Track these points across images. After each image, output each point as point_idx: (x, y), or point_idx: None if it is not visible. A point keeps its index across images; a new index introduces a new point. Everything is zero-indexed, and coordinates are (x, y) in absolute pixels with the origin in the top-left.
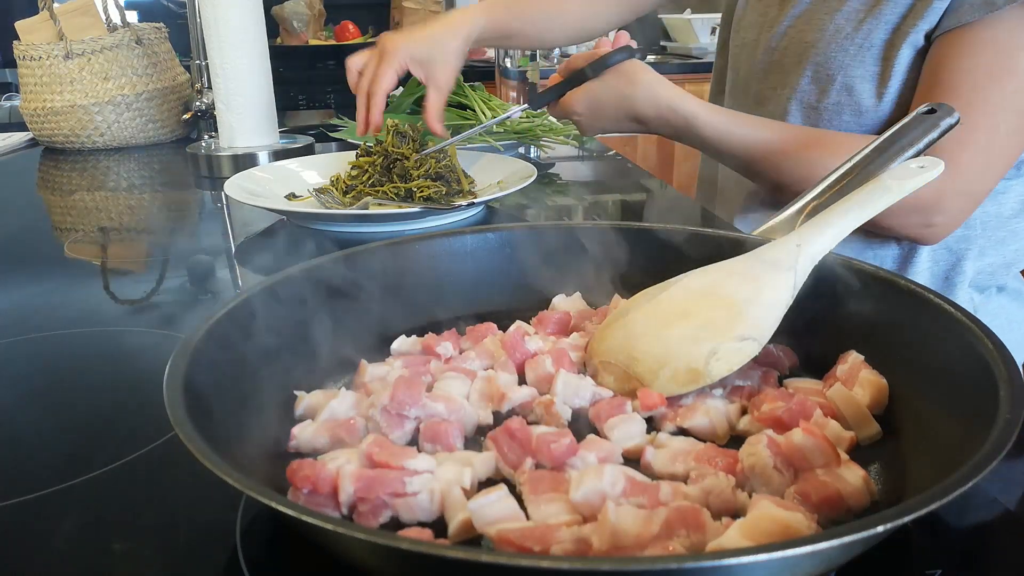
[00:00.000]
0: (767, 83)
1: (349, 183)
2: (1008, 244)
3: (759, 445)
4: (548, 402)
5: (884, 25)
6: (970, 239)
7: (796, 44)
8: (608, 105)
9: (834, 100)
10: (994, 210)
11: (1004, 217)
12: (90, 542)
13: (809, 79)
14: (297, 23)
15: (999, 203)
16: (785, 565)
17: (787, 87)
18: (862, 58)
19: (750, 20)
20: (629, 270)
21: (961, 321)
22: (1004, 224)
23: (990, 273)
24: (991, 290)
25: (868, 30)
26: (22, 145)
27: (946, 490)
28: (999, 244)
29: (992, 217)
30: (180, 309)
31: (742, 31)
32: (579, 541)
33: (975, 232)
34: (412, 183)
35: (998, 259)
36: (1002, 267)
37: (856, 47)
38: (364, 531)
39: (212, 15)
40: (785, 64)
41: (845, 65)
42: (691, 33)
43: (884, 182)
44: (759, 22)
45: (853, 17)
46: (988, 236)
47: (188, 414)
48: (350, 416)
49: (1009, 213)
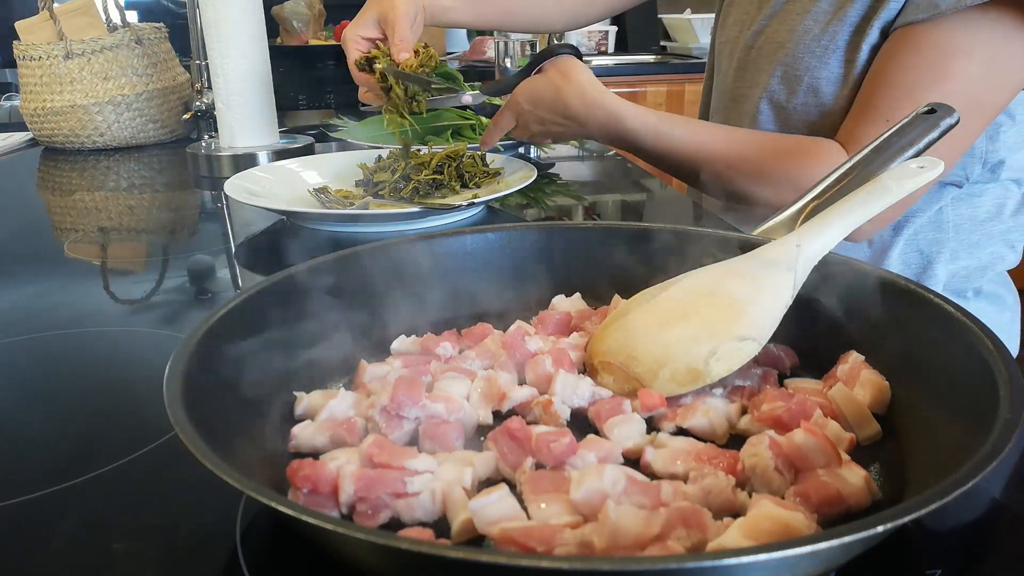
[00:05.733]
0: (743, 81)
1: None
2: (983, 247)
3: (761, 446)
4: (547, 402)
5: (847, 27)
6: (942, 242)
7: (769, 43)
8: (545, 99)
9: (801, 100)
10: (968, 213)
11: (978, 220)
12: (90, 542)
13: (779, 79)
14: (297, 23)
15: (974, 206)
16: (785, 565)
17: (759, 86)
18: (827, 60)
19: (734, 18)
20: (629, 270)
21: (961, 321)
22: (978, 228)
23: (964, 277)
24: (967, 294)
25: (833, 31)
26: (22, 145)
27: (946, 490)
28: (973, 247)
29: (966, 220)
30: (180, 309)
31: (726, 29)
32: (583, 545)
33: (947, 235)
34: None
35: (972, 262)
36: (977, 270)
37: (822, 48)
38: (364, 531)
39: (212, 15)
40: (759, 63)
41: (811, 67)
42: (691, 33)
43: (884, 182)
44: (741, 20)
45: (821, 19)
46: (961, 240)
47: (188, 414)
48: (350, 416)
49: (984, 216)
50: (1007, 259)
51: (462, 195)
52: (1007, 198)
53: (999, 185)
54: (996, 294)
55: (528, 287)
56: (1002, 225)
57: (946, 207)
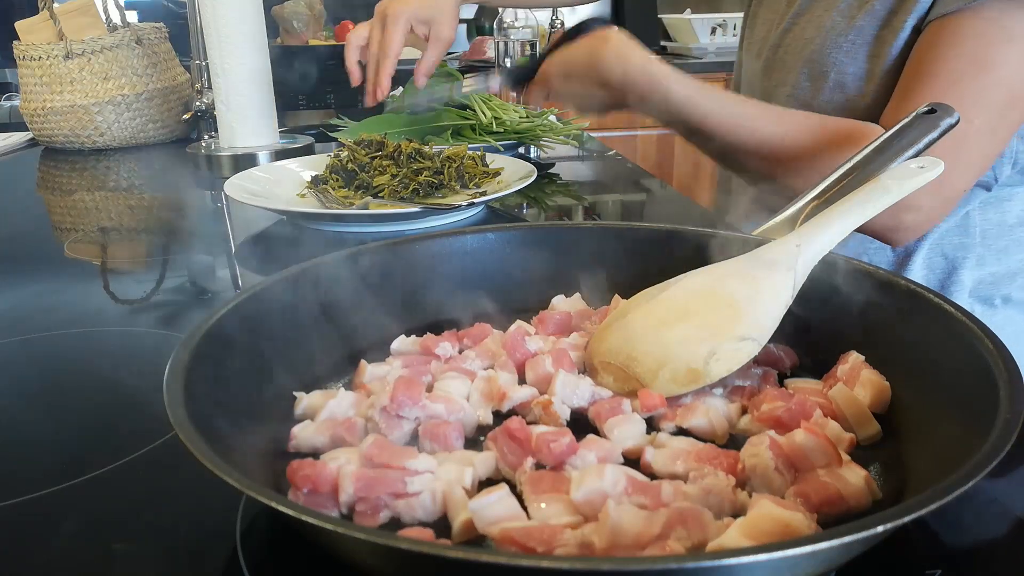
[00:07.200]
0: (770, 80)
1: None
2: (1012, 254)
3: (761, 446)
4: (546, 402)
5: (874, 20)
6: (968, 247)
7: (797, 41)
8: (578, 63)
9: (827, 97)
10: (996, 218)
11: (1008, 225)
12: (90, 542)
13: (806, 76)
14: (297, 23)
15: (1003, 211)
16: (785, 565)
17: (787, 85)
18: (854, 55)
19: (762, 18)
20: (629, 270)
21: (961, 321)
22: (1007, 233)
23: (991, 283)
24: (995, 301)
25: (860, 26)
26: (22, 145)
27: (946, 490)
28: (1001, 253)
29: (994, 225)
30: (180, 309)
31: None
32: (583, 545)
33: (974, 240)
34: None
35: (1000, 268)
36: (1005, 277)
37: (849, 43)
38: (364, 531)
39: (212, 15)
40: (787, 61)
41: (838, 62)
42: (691, 33)
43: (884, 182)
44: (770, 19)
45: (847, 13)
46: (988, 245)
47: (188, 414)
48: (350, 416)
49: (1014, 221)
50: None
51: (462, 195)
52: None
53: None
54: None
55: (528, 287)
56: None
57: (973, 211)
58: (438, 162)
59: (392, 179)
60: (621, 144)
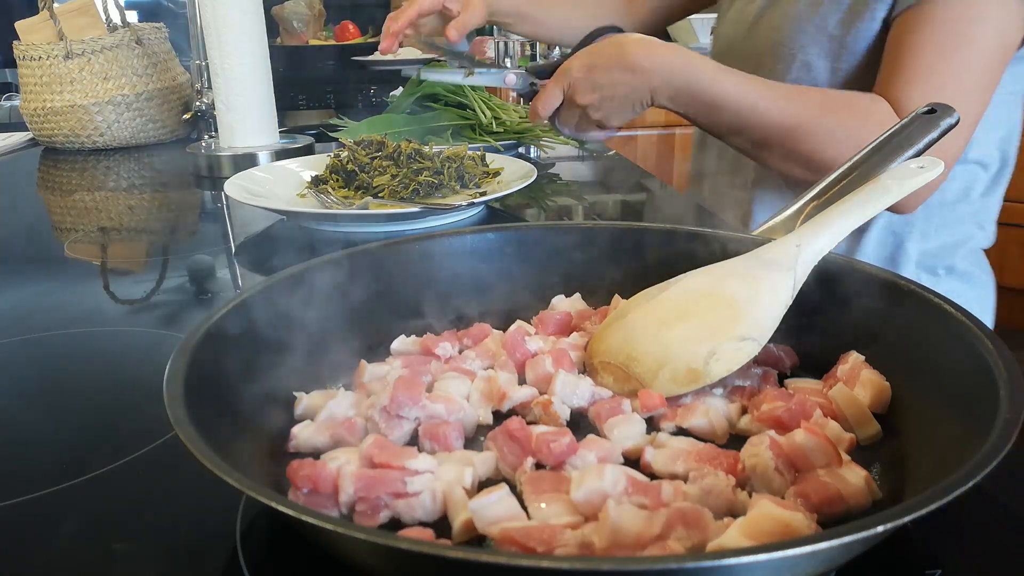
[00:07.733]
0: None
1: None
2: (953, 227)
3: (762, 446)
4: (546, 402)
5: (838, 9)
6: (911, 222)
7: (765, 29)
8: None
9: (795, 76)
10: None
11: (947, 203)
12: (90, 542)
13: (773, 59)
14: (297, 23)
15: (941, 190)
16: (785, 565)
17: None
18: (817, 37)
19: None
20: (629, 270)
21: (961, 321)
22: (946, 209)
23: (935, 255)
24: (939, 271)
25: (824, 13)
26: (22, 145)
27: (946, 490)
28: (943, 227)
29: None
30: (180, 309)
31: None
32: (583, 545)
33: (916, 216)
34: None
35: (942, 242)
36: (947, 249)
37: (814, 28)
38: (364, 531)
39: (212, 15)
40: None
41: (804, 45)
42: (691, 33)
43: (883, 182)
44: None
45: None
46: (929, 220)
47: (188, 414)
48: (350, 416)
49: (952, 199)
50: (977, 238)
51: (462, 195)
52: (974, 181)
53: (966, 169)
54: (968, 272)
55: (528, 287)
56: (970, 207)
57: None
58: (438, 162)
59: (392, 179)
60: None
